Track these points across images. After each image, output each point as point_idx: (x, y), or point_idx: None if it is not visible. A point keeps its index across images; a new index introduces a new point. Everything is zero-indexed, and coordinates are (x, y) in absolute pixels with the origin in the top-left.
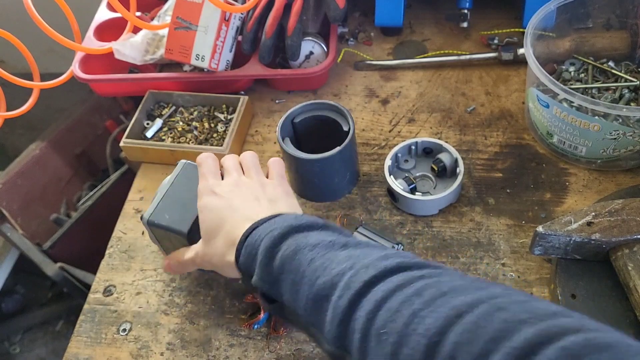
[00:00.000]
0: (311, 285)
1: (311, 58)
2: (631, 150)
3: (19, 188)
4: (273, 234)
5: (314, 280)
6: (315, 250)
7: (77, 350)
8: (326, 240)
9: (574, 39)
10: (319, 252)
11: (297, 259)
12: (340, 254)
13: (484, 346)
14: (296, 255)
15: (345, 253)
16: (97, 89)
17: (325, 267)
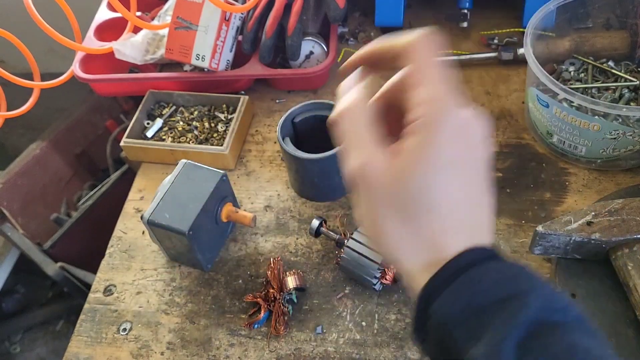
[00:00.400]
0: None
1: (311, 58)
2: (631, 150)
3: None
4: (526, 310)
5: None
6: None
7: (77, 350)
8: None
9: (573, 38)
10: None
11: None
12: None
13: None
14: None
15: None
16: (97, 88)
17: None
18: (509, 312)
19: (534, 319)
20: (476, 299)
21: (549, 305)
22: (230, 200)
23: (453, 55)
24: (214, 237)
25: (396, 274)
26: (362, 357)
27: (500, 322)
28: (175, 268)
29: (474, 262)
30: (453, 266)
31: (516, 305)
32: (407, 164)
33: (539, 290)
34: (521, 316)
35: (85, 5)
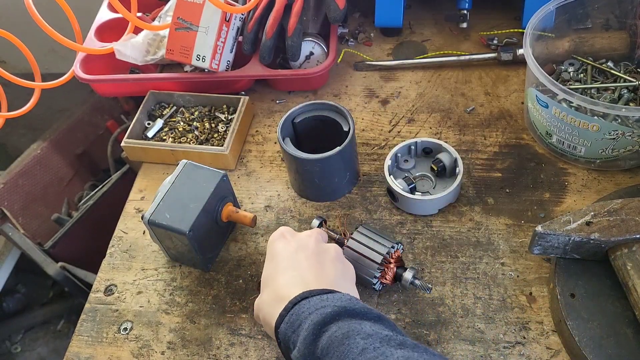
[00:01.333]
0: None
1: (311, 58)
2: (630, 150)
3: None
4: (324, 311)
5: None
6: (368, 341)
7: (78, 350)
8: (382, 334)
9: (573, 39)
10: (373, 343)
11: (347, 344)
12: (397, 352)
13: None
14: (347, 340)
15: (402, 353)
16: (98, 89)
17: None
18: (311, 320)
19: (327, 320)
20: (298, 319)
21: (339, 309)
22: (230, 200)
23: (453, 56)
24: (214, 237)
25: (396, 274)
26: None
27: (306, 326)
28: (175, 268)
29: (302, 297)
30: (287, 306)
31: (316, 315)
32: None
33: (338, 302)
34: (318, 319)
35: (86, 5)
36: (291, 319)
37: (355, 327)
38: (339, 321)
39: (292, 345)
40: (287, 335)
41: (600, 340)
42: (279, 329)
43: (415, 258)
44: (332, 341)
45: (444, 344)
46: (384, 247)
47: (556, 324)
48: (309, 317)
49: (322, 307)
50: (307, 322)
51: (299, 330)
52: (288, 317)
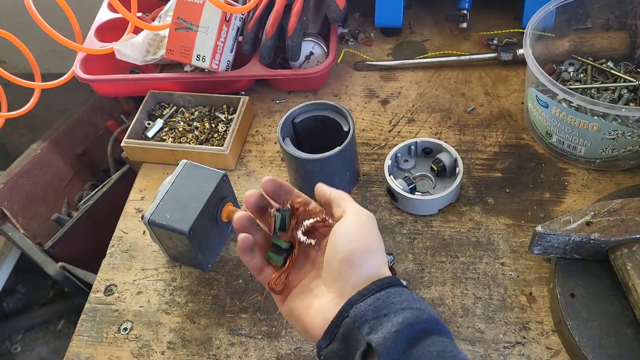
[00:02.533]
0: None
1: (311, 58)
2: (630, 150)
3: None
4: (421, 315)
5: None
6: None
7: (78, 350)
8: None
9: (573, 39)
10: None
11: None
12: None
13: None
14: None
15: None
16: (98, 89)
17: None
18: (405, 317)
19: (424, 327)
20: (385, 307)
21: (435, 323)
22: (230, 200)
23: (453, 56)
24: (214, 237)
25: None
26: None
27: (398, 321)
28: (175, 268)
29: (388, 284)
30: (372, 287)
31: (412, 315)
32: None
33: (430, 312)
34: (415, 322)
35: (86, 5)
36: (377, 302)
37: (450, 350)
38: (434, 335)
39: (370, 328)
40: (366, 317)
41: (600, 340)
42: (356, 305)
43: (415, 258)
44: (426, 354)
45: None
46: None
47: (556, 324)
48: (402, 313)
49: (417, 309)
50: (400, 317)
51: (385, 320)
52: (373, 299)
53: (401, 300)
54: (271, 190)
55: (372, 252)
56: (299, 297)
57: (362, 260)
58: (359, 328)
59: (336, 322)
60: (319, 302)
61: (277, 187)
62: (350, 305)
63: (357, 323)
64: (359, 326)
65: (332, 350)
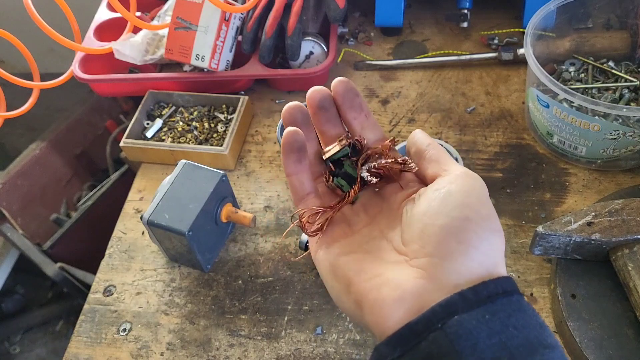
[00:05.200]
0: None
1: (311, 58)
2: (631, 150)
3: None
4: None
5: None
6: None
7: (77, 351)
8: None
9: (574, 39)
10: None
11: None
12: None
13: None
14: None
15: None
16: (97, 89)
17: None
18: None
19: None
20: (504, 333)
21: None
22: (230, 200)
23: (453, 56)
24: (213, 238)
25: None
26: (362, 358)
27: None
28: (175, 268)
29: (506, 292)
30: (484, 291)
31: (545, 357)
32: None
33: (559, 348)
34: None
35: (85, 5)
36: (492, 324)
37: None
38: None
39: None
40: (474, 340)
41: (601, 341)
42: (460, 315)
43: None
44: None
45: None
46: None
47: (557, 325)
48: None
49: (550, 347)
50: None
51: (497, 356)
52: (487, 317)
53: (524, 325)
54: (341, 95)
55: (494, 232)
56: (354, 255)
57: (478, 238)
58: (462, 355)
59: (419, 328)
60: (391, 275)
61: (351, 95)
62: (447, 312)
63: (461, 346)
64: (463, 353)
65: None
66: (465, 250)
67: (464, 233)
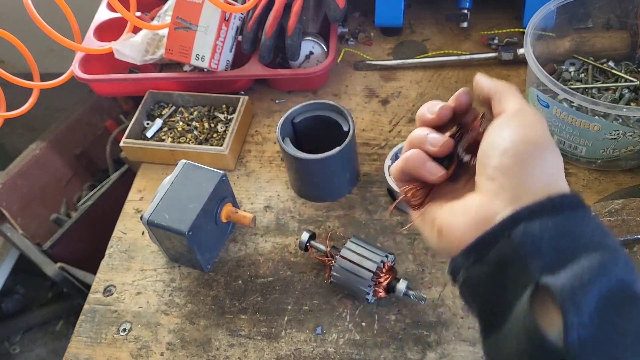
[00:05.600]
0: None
1: (311, 58)
2: (631, 150)
3: (19, 188)
4: (602, 268)
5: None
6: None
7: (77, 351)
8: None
9: (574, 39)
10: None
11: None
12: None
13: None
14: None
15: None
16: (97, 89)
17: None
18: (599, 260)
19: (621, 278)
20: (567, 236)
21: (632, 272)
22: (230, 200)
23: (453, 56)
24: (213, 238)
25: (389, 286)
26: (362, 358)
27: (588, 264)
28: (175, 268)
29: (570, 205)
30: (549, 204)
31: (608, 258)
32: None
33: (624, 253)
34: (611, 269)
35: (85, 5)
36: (558, 229)
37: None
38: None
39: (545, 264)
40: (539, 245)
41: None
42: (526, 223)
43: (415, 258)
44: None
45: (445, 344)
46: (373, 262)
47: None
48: (595, 254)
49: (613, 249)
50: (593, 259)
51: (570, 257)
52: (550, 222)
53: (591, 233)
54: (464, 107)
55: (549, 150)
56: (441, 202)
57: (535, 158)
58: (526, 259)
59: (489, 239)
60: (464, 203)
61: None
62: (514, 221)
63: (525, 251)
64: (527, 256)
65: (478, 275)
66: (526, 169)
67: (520, 154)
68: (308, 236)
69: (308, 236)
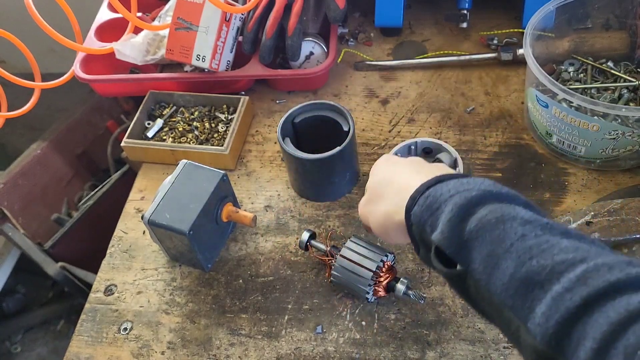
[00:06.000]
0: (520, 264)
1: (311, 58)
2: (630, 150)
3: (20, 188)
4: (469, 194)
5: (525, 259)
6: (527, 227)
7: (78, 350)
8: (541, 221)
9: (573, 39)
10: (533, 230)
11: (502, 228)
12: (563, 242)
13: None
14: (501, 224)
15: (569, 242)
16: (98, 89)
17: (543, 249)
18: (454, 202)
19: (474, 202)
20: (435, 202)
21: (485, 192)
22: (230, 200)
23: (453, 56)
24: (214, 237)
25: (389, 285)
26: (362, 357)
27: (448, 209)
28: (175, 268)
29: (437, 181)
30: (420, 189)
31: (459, 198)
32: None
33: (480, 184)
34: (463, 201)
35: (86, 5)
36: (427, 201)
37: (509, 212)
38: (488, 204)
39: (430, 227)
40: (423, 218)
41: None
42: (412, 211)
43: (415, 258)
44: (483, 225)
45: (444, 344)
46: (373, 262)
47: None
48: (451, 200)
49: (465, 190)
50: (450, 204)
51: (438, 213)
52: (423, 200)
53: (449, 189)
54: None
55: (397, 173)
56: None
57: (391, 183)
58: (423, 232)
59: (410, 232)
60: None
61: None
62: (408, 213)
63: (420, 228)
64: (422, 230)
65: (424, 256)
66: (390, 188)
67: (378, 189)
68: (308, 236)
69: (308, 236)
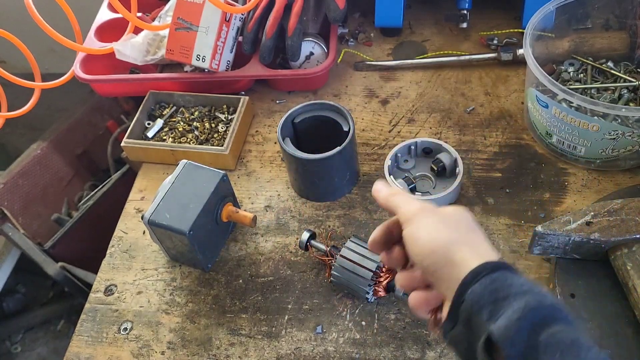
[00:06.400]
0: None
1: (311, 58)
2: (630, 150)
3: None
4: (543, 301)
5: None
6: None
7: (78, 350)
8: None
9: (573, 39)
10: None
11: (577, 354)
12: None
13: None
14: (577, 349)
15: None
16: (98, 89)
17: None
18: (526, 301)
19: (547, 312)
20: (503, 289)
21: (558, 307)
22: (230, 200)
23: (452, 56)
24: (214, 237)
25: (389, 285)
26: (361, 357)
27: (518, 305)
28: (175, 268)
29: (503, 267)
30: (486, 267)
31: (532, 299)
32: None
33: (551, 295)
34: (536, 305)
35: (86, 5)
36: (494, 285)
37: (582, 340)
38: (560, 322)
39: (488, 314)
40: (483, 300)
41: (600, 340)
42: (472, 286)
43: None
44: (558, 342)
45: (444, 344)
46: (373, 262)
47: None
48: (523, 297)
49: (539, 294)
50: (521, 302)
51: (505, 304)
52: (488, 280)
53: (521, 283)
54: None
55: (457, 242)
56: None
57: (451, 252)
58: (477, 313)
59: (455, 306)
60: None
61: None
62: (465, 288)
63: (475, 307)
64: (477, 311)
65: (458, 334)
66: (451, 263)
67: (439, 258)
68: (308, 236)
69: (308, 236)
